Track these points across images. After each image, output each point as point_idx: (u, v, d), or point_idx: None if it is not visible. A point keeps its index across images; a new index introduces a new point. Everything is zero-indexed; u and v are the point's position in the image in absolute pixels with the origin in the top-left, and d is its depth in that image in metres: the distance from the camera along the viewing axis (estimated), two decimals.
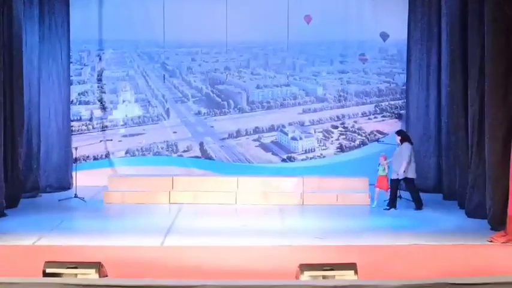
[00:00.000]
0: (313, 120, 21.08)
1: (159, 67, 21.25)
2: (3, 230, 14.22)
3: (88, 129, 20.84)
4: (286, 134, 21.06)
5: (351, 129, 20.99)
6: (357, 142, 20.88)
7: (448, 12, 17.87)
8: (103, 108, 20.97)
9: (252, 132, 21.07)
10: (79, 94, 20.90)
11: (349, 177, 18.36)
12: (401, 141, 17.24)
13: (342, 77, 21.15)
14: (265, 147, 20.97)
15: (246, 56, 21.27)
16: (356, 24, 20.63)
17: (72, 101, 20.46)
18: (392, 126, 20.73)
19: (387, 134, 20.67)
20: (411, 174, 16.98)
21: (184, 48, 21.25)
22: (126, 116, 21.04)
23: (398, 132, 17.78)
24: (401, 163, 16.81)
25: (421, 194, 18.12)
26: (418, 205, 17.04)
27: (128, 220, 15.85)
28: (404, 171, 16.83)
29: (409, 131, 19.55)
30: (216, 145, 21.03)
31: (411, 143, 17.20)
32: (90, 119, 20.89)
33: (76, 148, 19.06)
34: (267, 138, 21.05)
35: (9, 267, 11.02)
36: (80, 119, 20.85)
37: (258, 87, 21.28)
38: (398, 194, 18.00)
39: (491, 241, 13.28)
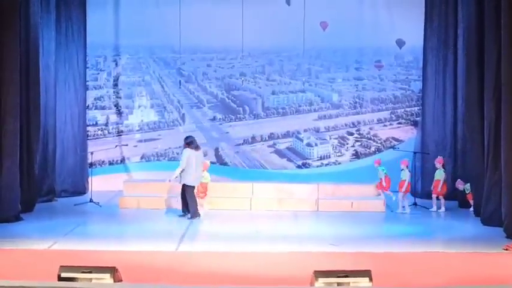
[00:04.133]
0: (328, 126, 21.06)
1: (174, 72, 21.30)
2: (18, 234, 14.28)
3: (104, 134, 20.91)
4: (302, 140, 21.05)
5: (366, 136, 20.96)
6: (373, 149, 20.85)
7: (464, 19, 17.83)
8: (119, 113, 21.04)
9: (267, 138, 21.08)
10: (95, 99, 20.98)
11: (364, 184, 18.33)
12: (185, 146, 16.77)
13: (358, 84, 21.14)
14: (280, 154, 20.96)
15: (261, 61, 21.29)
16: (372, 30, 20.60)
17: (88, 106, 20.54)
18: (408, 133, 20.73)
19: (403, 141, 20.64)
20: (188, 181, 16.45)
21: (199, 53, 21.31)
22: (141, 121, 21.11)
23: (185, 138, 17.15)
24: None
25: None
26: (191, 214, 16.42)
27: (143, 225, 15.87)
28: (176, 177, 16.47)
29: (424, 138, 19.54)
30: (231, 151, 21.05)
31: (196, 149, 16.68)
32: (106, 124, 20.96)
33: (92, 153, 19.14)
34: (282, 144, 21.05)
35: (24, 271, 11.06)
36: (96, 124, 20.93)
37: (273, 93, 21.29)
38: (414, 201, 17.99)
39: (506, 249, 13.22)
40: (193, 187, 16.61)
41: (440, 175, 17.72)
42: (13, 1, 15.59)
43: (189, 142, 16.75)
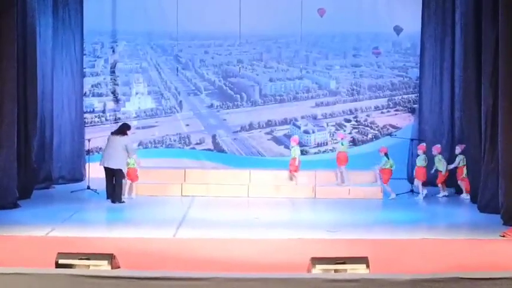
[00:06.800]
0: (325, 113, 21.07)
1: (172, 59, 21.29)
2: (16, 221, 14.27)
3: (101, 121, 20.91)
4: (299, 127, 21.06)
5: (363, 123, 20.98)
6: (370, 136, 20.87)
7: (461, 5, 17.81)
8: (116, 100, 21.03)
9: (264, 125, 21.09)
10: (92, 86, 20.97)
11: (362, 171, 18.35)
12: None
13: (355, 71, 21.15)
14: (277, 141, 20.98)
15: (259, 48, 21.29)
16: (370, 17, 20.61)
17: (85, 93, 20.53)
18: (405, 120, 20.77)
19: (400, 128, 20.67)
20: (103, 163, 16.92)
21: (197, 40, 21.29)
22: (139, 108, 21.10)
23: None
24: None
25: (435, 188, 18.09)
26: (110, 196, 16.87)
27: (141, 212, 15.89)
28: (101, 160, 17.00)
29: (422, 125, 19.56)
30: (229, 138, 21.06)
31: (113, 134, 17.12)
32: (103, 111, 20.96)
33: (89, 140, 19.11)
34: (280, 131, 21.06)
35: (22, 258, 11.05)
36: (93, 111, 20.92)
37: (270, 80, 21.29)
38: (410, 188, 18.01)
39: (503, 236, 13.22)
40: (105, 168, 16.79)
41: (381, 163, 17.80)
42: None
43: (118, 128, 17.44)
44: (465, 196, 17.49)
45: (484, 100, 15.61)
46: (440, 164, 17.75)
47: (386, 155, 17.76)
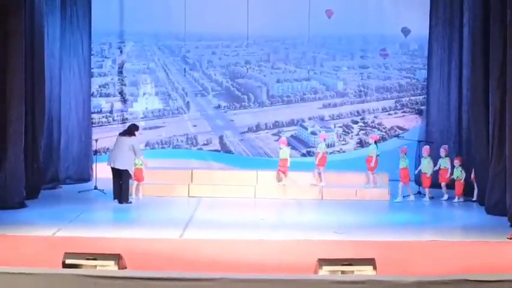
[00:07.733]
0: (333, 115, 21.05)
1: (179, 60, 21.29)
2: (23, 220, 14.30)
3: (108, 122, 20.92)
4: (306, 128, 21.04)
5: (371, 124, 20.95)
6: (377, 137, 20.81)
7: (469, 7, 17.76)
8: (123, 100, 21.04)
9: (271, 126, 21.07)
10: (100, 86, 20.99)
11: (368, 173, 18.31)
12: None
13: (363, 72, 21.12)
14: None
15: (266, 49, 21.28)
16: (377, 19, 20.58)
17: (92, 93, 20.55)
18: (412, 121, 20.73)
19: (407, 130, 20.64)
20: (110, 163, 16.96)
21: (204, 41, 21.29)
22: (146, 108, 21.11)
23: None
24: None
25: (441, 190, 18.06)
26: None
27: (147, 212, 15.91)
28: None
29: (429, 126, 19.52)
30: (236, 139, 21.05)
31: (120, 135, 17.25)
32: (111, 112, 20.98)
33: (96, 140, 19.13)
34: (287, 132, 21.03)
35: (29, 258, 11.07)
36: (101, 111, 20.94)
37: (278, 81, 21.27)
38: (417, 190, 17.98)
39: (511, 238, 13.20)
40: (112, 169, 16.82)
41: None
42: None
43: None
44: (445, 198, 17.58)
45: (491, 102, 15.59)
46: (428, 167, 17.71)
47: (375, 142, 18.04)
